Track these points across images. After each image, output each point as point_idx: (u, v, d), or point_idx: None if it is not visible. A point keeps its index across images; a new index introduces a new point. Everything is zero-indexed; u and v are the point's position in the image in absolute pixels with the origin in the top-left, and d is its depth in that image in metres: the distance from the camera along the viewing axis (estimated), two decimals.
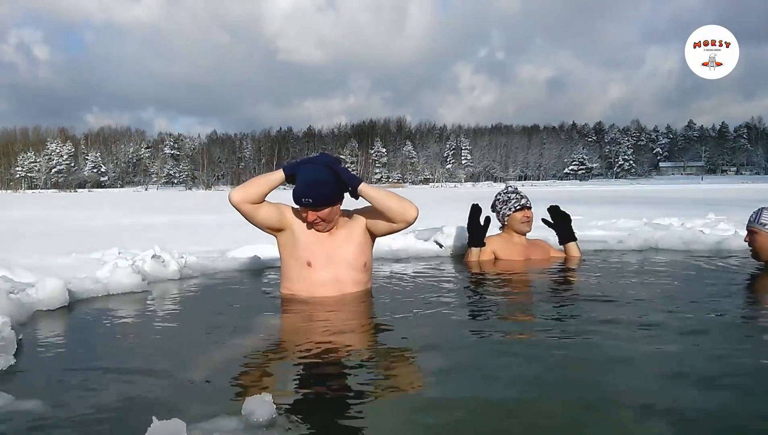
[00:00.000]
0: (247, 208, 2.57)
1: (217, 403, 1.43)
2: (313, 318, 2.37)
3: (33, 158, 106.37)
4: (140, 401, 1.45)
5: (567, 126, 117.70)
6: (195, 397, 1.49)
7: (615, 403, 1.42)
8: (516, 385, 1.55)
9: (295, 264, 2.64)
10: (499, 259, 3.84)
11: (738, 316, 2.38)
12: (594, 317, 2.25)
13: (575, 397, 1.46)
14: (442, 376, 1.63)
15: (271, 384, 1.62)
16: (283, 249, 2.69)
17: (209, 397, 1.50)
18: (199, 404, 1.42)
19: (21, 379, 1.62)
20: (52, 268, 3.17)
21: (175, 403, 1.44)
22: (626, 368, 1.68)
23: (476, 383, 1.57)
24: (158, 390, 1.53)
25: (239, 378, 1.65)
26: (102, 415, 1.36)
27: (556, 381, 1.59)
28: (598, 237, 4.83)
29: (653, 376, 1.61)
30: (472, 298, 2.82)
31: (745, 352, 1.84)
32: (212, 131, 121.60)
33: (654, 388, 1.51)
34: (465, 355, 1.84)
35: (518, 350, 1.88)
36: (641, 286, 2.97)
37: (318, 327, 2.22)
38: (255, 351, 1.94)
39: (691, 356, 1.80)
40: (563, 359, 1.76)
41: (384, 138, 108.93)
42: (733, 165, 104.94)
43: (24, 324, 2.19)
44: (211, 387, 1.57)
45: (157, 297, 2.83)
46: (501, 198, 3.96)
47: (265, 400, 1.24)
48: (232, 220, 5.41)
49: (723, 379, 1.57)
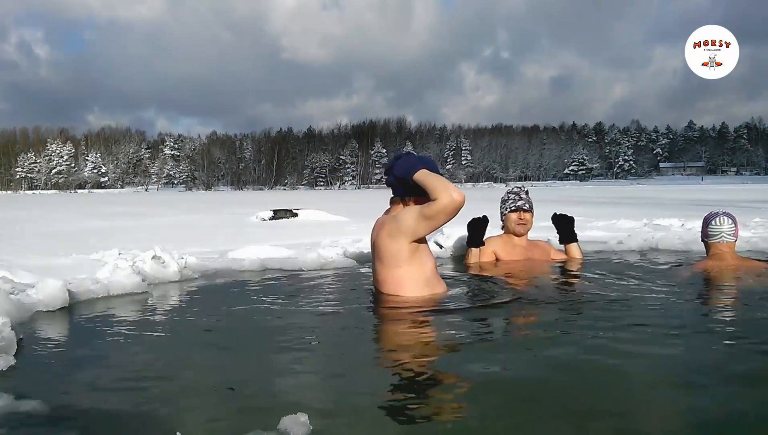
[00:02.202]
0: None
1: (246, 413, 1.43)
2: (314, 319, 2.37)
3: (33, 159, 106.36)
4: (140, 402, 1.45)
5: (567, 126, 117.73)
6: (213, 406, 1.49)
7: (615, 405, 1.42)
8: (516, 385, 1.55)
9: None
10: (499, 259, 3.83)
11: (738, 315, 2.38)
12: (593, 318, 2.26)
13: (576, 399, 1.46)
14: (443, 377, 1.63)
15: (299, 396, 1.61)
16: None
17: (231, 406, 1.50)
18: (221, 414, 1.41)
19: (21, 379, 1.62)
20: (52, 269, 3.18)
21: (175, 403, 1.44)
22: (626, 370, 1.68)
23: (476, 383, 1.57)
24: (158, 390, 1.53)
25: (265, 388, 1.60)
26: (102, 415, 1.36)
27: (555, 382, 1.58)
28: (598, 238, 4.83)
29: (654, 377, 1.61)
30: (471, 300, 2.82)
31: (746, 352, 1.84)
32: (212, 132, 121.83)
33: (655, 390, 1.51)
34: (463, 356, 1.84)
35: (518, 350, 1.88)
36: (641, 287, 2.97)
37: (323, 328, 2.22)
38: (273, 356, 1.93)
39: (692, 357, 1.80)
40: (563, 362, 1.76)
41: (384, 138, 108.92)
42: (733, 165, 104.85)
43: (24, 324, 2.19)
44: (235, 395, 1.57)
45: (157, 298, 2.83)
46: (503, 197, 3.98)
47: (300, 421, 1.20)
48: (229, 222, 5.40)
49: (717, 381, 1.57)
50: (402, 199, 2.75)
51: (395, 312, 2.48)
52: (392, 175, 2.73)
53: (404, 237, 2.60)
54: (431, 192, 2.57)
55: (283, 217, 9.16)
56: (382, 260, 2.68)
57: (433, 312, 2.43)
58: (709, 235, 3.48)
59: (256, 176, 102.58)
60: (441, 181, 2.58)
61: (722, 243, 3.46)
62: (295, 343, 2.01)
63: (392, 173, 2.72)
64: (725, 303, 2.72)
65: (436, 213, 2.55)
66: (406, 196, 2.72)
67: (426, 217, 2.57)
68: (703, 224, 3.54)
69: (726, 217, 3.48)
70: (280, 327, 2.29)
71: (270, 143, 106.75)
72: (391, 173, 2.73)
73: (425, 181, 2.60)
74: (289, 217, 9.25)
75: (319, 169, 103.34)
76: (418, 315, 2.39)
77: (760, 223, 5.75)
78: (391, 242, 2.63)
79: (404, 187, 2.70)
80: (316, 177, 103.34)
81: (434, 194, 2.55)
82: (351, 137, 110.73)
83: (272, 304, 2.70)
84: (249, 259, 3.75)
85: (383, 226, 2.71)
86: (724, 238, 3.45)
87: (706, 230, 3.50)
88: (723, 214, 3.51)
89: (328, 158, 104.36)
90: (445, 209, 2.54)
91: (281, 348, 2.01)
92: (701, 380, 1.58)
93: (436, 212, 2.55)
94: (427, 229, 2.63)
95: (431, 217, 2.57)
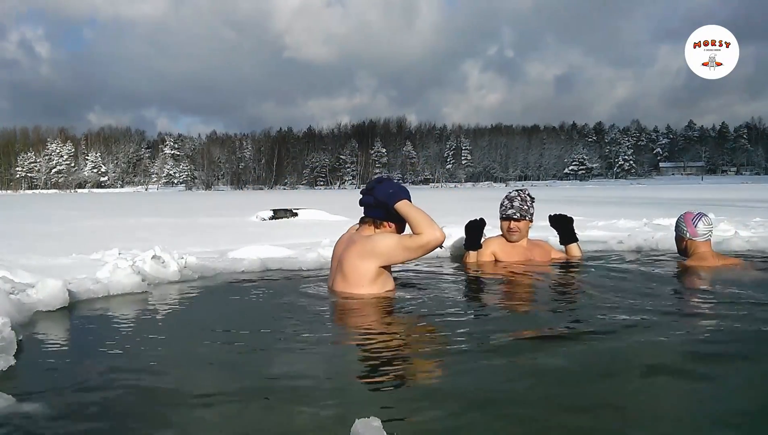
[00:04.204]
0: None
1: (246, 413, 1.43)
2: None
3: (33, 158, 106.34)
4: (140, 401, 1.45)
5: (567, 126, 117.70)
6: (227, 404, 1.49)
7: (614, 407, 1.42)
8: (516, 386, 1.55)
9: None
10: (498, 260, 3.83)
11: (737, 315, 2.37)
12: (593, 319, 2.25)
13: (577, 401, 1.46)
14: (443, 379, 1.63)
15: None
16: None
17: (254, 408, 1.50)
18: (221, 414, 1.41)
19: (21, 379, 1.62)
20: (52, 269, 3.18)
21: (175, 403, 1.44)
22: (626, 371, 1.68)
23: (476, 384, 1.56)
24: (158, 390, 1.53)
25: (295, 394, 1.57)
26: (102, 415, 1.36)
27: (555, 384, 1.58)
28: (598, 237, 4.83)
29: (654, 377, 1.61)
30: (468, 301, 2.82)
31: (747, 354, 1.83)
32: (212, 131, 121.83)
33: (655, 392, 1.51)
34: (462, 358, 1.84)
35: (518, 352, 1.88)
36: (641, 287, 2.96)
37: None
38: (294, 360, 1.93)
39: (692, 359, 1.80)
40: (563, 363, 1.76)
41: (384, 138, 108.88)
42: (733, 165, 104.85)
43: (24, 324, 2.19)
44: (235, 396, 1.57)
45: (157, 298, 2.83)
46: (502, 199, 3.95)
47: (373, 425, 1.17)
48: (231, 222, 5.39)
49: (717, 378, 1.58)
50: (374, 222, 2.78)
51: (396, 312, 2.49)
52: (373, 196, 2.75)
53: (376, 260, 2.67)
54: (415, 226, 2.64)
55: (283, 217, 9.16)
56: (346, 278, 2.71)
57: (434, 315, 2.44)
58: (699, 235, 3.50)
59: (255, 176, 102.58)
60: (426, 216, 2.66)
61: (707, 241, 3.50)
62: (296, 343, 2.01)
63: (374, 195, 2.75)
64: (725, 302, 2.72)
65: (417, 247, 2.64)
66: (380, 219, 2.76)
67: (405, 249, 2.65)
68: (686, 224, 3.55)
69: (708, 216, 3.56)
70: (281, 327, 2.29)
71: (270, 143, 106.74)
72: (372, 195, 2.76)
73: (409, 213, 2.66)
74: (289, 217, 9.25)
75: (319, 168, 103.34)
76: (419, 319, 2.40)
77: (760, 223, 5.75)
78: (360, 263, 2.67)
79: (384, 211, 2.74)
80: (316, 177, 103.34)
81: (418, 229, 2.62)
82: (351, 137, 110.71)
83: (272, 304, 2.70)
84: (249, 259, 3.75)
85: (353, 245, 2.73)
86: (710, 236, 3.51)
87: (694, 230, 3.51)
88: (701, 213, 3.58)
89: (328, 158, 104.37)
90: (427, 246, 2.63)
91: (281, 348, 2.01)
92: (703, 382, 1.58)
93: (417, 247, 2.63)
94: (403, 259, 2.74)
95: (411, 249, 2.65)
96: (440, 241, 2.63)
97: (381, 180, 2.83)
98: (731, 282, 3.08)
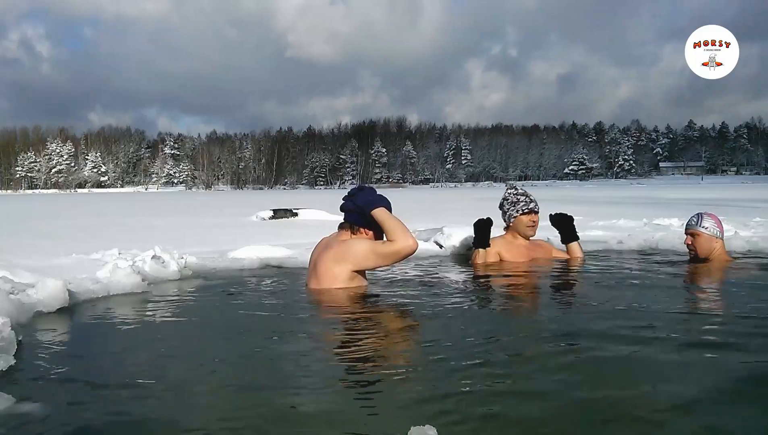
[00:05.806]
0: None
1: (247, 413, 1.43)
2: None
3: (33, 158, 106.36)
4: (140, 402, 1.45)
5: (567, 126, 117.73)
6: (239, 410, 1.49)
7: (615, 407, 1.42)
8: (517, 387, 1.55)
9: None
10: (503, 260, 3.83)
11: (737, 315, 2.37)
12: (593, 320, 2.25)
13: (577, 401, 1.46)
14: (444, 379, 1.63)
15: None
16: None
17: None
18: (221, 414, 1.41)
19: (21, 379, 1.62)
20: (52, 269, 3.17)
21: (175, 403, 1.44)
22: (626, 371, 1.68)
23: (476, 385, 1.56)
24: (159, 390, 1.52)
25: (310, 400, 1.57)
26: (102, 415, 1.36)
27: (555, 384, 1.58)
28: (598, 237, 4.83)
29: (653, 378, 1.61)
30: (475, 301, 2.82)
31: (749, 354, 1.83)
32: (212, 131, 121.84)
33: (656, 393, 1.51)
34: (465, 357, 1.84)
35: (518, 352, 1.88)
36: (641, 287, 2.97)
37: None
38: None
39: (693, 360, 1.79)
40: (564, 363, 1.76)
41: (384, 138, 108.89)
42: (733, 165, 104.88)
43: (24, 325, 2.18)
44: (236, 396, 1.57)
45: (157, 297, 2.83)
46: (510, 199, 3.93)
47: (428, 434, 1.15)
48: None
49: (720, 383, 1.57)
50: (351, 227, 2.85)
51: (397, 313, 2.49)
52: (353, 202, 2.83)
53: (349, 264, 2.74)
54: (389, 232, 2.69)
55: (283, 217, 9.16)
56: (319, 280, 2.79)
57: (436, 316, 2.44)
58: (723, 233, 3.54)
59: (255, 176, 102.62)
60: (400, 224, 2.71)
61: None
62: (296, 342, 2.01)
63: (354, 201, 2.83)
64: (725, 302, 2.72)
65: (389, 254, 2.70)
66: (358, 224, 2.83)
67: (377, 254, 2.71)
68: (717, 224, 3.55)
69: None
70: (281, 327, 2.29)
71: (270, 142, 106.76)
72: (353, 201, 2.83)
73: (384, 220, 2.72)
74: (289, 216, 9.25)
75: (319, 168, 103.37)
76: (420, 318, 2.40)
77: (761, 223, 5.75)
78: (333, 265, 2.75)
79: (363, 217, 2.80)
80: (316, 176, 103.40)
81: (392, 236, 2.68)
82: (351, 136, 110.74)
83: (272, 304, 2.70)
84: (249, 259, 3.75)
85: (328, 248, 2.82)
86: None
87: (723, 228, 3.54)
88: (708, 212, 3.63)
89: (328, 158, 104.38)
90: (398, 253, 2.70)
91: (282, 348, 2.01)
92: (705, 384, 1.57)
93: (389, 253, 2.70)
94: (375, 265, 2.80)
95: (383, 256, 2.72)
96: (413, 249, 2.69)
97: (363, 188, 2.92)
98: (737, 282, 3.08)
